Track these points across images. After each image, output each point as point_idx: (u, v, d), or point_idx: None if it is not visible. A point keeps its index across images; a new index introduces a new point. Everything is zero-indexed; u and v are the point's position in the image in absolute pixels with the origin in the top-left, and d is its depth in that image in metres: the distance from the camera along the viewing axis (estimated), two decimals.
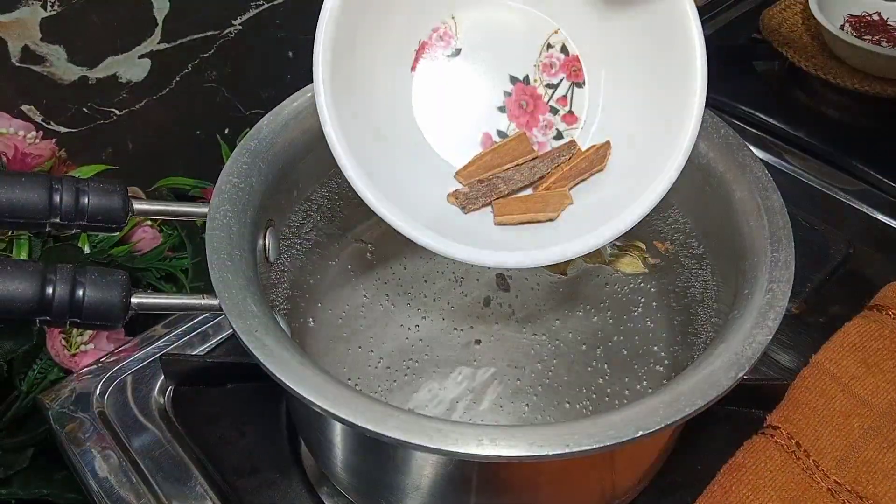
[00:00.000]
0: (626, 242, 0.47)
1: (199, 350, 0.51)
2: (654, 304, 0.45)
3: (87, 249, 0.56)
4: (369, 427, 0.27)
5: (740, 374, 0.29)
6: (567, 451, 0.27)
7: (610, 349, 0.43)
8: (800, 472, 0.42)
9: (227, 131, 0.68)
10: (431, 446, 0.27)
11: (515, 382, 0.42)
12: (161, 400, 0.48)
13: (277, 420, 0.46)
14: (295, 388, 0.28)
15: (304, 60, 0.68)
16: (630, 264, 0.47)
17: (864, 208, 0.61)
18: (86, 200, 0.33)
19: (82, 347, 0.51)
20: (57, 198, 0.32)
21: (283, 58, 0.67)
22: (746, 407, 0.46)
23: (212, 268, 0.32)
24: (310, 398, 0.28)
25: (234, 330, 0.30)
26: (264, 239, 0.38)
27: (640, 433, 0.27)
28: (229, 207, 0.35)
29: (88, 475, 0.44)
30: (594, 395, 0.42)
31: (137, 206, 0.34)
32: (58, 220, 0.32)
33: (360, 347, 0.44)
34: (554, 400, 0.41)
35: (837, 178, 0.64)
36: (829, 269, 0.57)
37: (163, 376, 0.48)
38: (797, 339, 0.53)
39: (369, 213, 0.34)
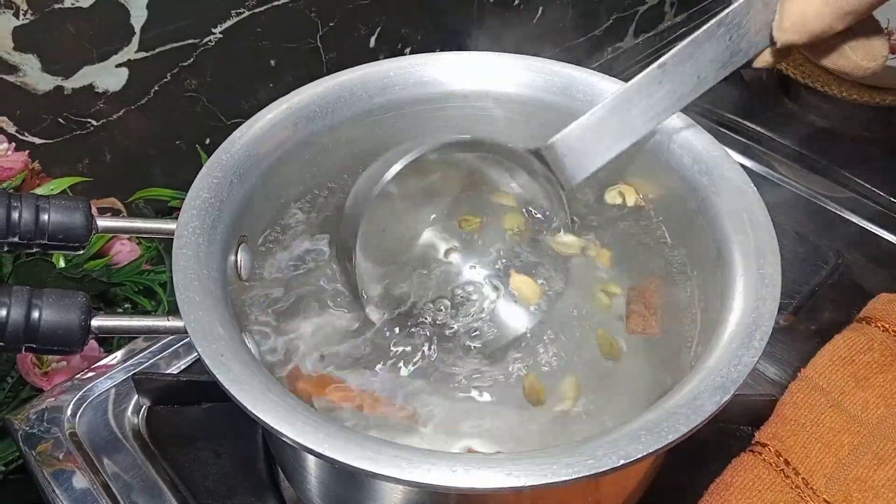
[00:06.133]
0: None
1: (174, 367, 0.49)
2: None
3: (61, 263, 0.54)
4: (337, 457, 0.26)
5: (725, 398, 0.28)
6: (545, 481, 0.26)
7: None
8: (789, 491, 0.41)
9: (207, 141, 0.66)
10: (402, 477, 0.25)
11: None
12: (135, 420, 0.47)
13: (254, 441, 0.45)
14: (260, 416, 0.27)
15: (285, 69, 0.67)
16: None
17: (854, 218, 0.61)
18: (46, 218, 0.31)
19: (54, 365, 0.50)
20: (16, 215, 0.31)
21: (265, 66, 0.66)
22: (734, 423, 0.45)
23: (178, 288, 0.31)
24: (276, 427, 0.27)
25: (198, 354, 0.29)
26: (236, 256, 0.37)
27: (622, 462, 0.26)
28: (198, 224, 0.34)
29: (59, 498, 0.43)
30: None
31: (101, 223, 0.33)
32: (16, 238, 0.31)
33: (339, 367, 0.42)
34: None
35: (827, 187, 0.63)
36: (819, 279, 0.56)
37: (136, 395, 0.47)
38: (786, 351, 0.52)
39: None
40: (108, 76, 0.58)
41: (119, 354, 0.50)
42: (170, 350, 0.50)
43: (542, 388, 0.37)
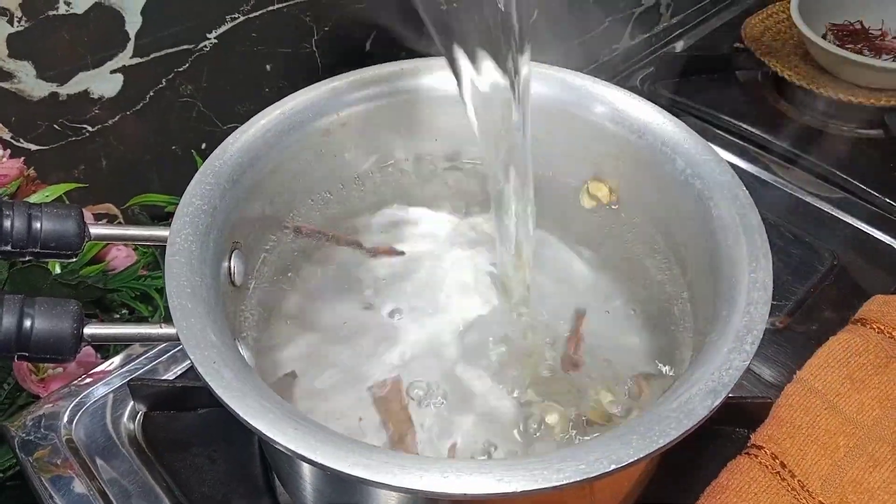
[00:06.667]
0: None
1: (171, 373, 0.49)
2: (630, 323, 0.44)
3: (57, 269, 0.54)
4: (329, 464, 0.26)
5: (716, 402, 0.28)
6: (536, 486, 0.26)
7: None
8: (785, 494, 0.41)
9: (203, 146, 0.66)
10: (394, 484, 0.25)
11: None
12: (131, 426, 0.47)
13: (250, 447, 0.45)
14: (252, 423, 0.27)
15: (281, 74, 0.67)
16: None
17: (849, 219, 0.61)
18: (38, 226, 0.31)
19: (50, 372, 0.50)
20: (8, 224, 0.31)
21: (261, 71, 0.66)
22: (730, 425, 0.45)
23: (170, 295, 0.31)
24: (268, 433, 0.27)
25: (191, 361, 0.29)
26: (229, 262, 0.37)
27: (613, 467, 0.26)
28: (191, 231, 0.34)
29: None
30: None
31: (94, 230, 0.33)
32: (9, 247, 0.31)
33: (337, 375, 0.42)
34: None
35: (821, 189, 0.63)
36: (814, 281, 0.56)
37: (132, 401, 0.47)
38: (782, 353, 0.52)
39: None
40: (103, 82, 0.58)
41: (116, 360, 0.50)
42: (167, 355, 0.50)
43: None
